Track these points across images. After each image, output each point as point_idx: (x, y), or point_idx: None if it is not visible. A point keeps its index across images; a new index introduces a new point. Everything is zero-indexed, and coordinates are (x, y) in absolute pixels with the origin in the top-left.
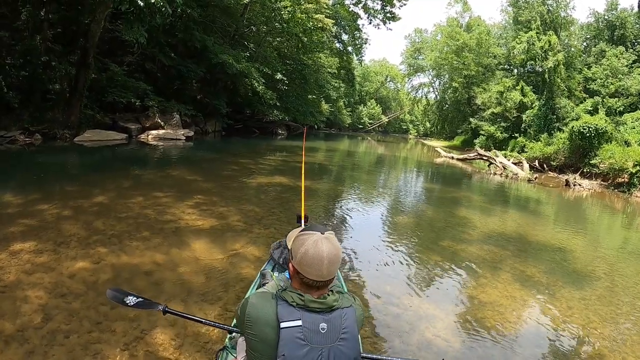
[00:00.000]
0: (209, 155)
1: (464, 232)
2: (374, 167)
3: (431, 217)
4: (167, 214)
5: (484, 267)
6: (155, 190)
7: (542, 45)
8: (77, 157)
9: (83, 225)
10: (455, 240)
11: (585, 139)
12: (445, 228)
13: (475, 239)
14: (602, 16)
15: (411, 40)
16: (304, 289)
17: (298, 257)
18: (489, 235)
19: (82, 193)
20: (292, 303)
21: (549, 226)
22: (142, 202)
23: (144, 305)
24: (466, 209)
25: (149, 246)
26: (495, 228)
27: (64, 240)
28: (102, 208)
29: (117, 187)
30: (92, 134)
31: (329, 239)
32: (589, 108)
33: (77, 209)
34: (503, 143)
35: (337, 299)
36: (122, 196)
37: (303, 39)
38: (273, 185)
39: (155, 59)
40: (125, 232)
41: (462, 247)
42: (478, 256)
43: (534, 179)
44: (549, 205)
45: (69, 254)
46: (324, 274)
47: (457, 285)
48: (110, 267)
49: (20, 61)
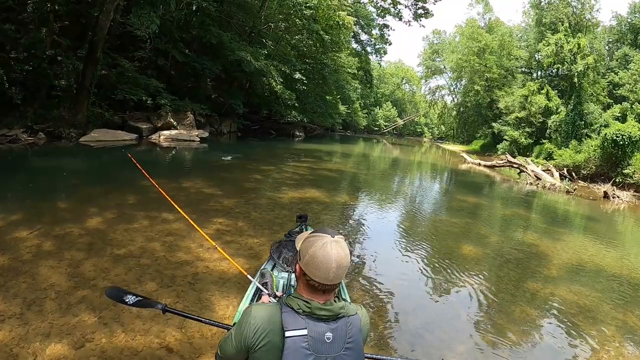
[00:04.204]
0: (226, 159)
1: (539, 266)
2: (399, 175)
3: (497, 246)
4: (181, 249)
5: (588, 320)
6: (165, 208)
7: (571, 48)
8: (80, 161)
9: (67, 269)
10: (535, 278)
11: (619, 147)
12: (517, 261)
13: (554, 276)
14: (625, 19)
15: (429, 42)
16: (309, 292)
17: (306, 259)
18: (568, 269)
19: (74, 213)
20: (298, 310)
21: (630, 253)
22: (148, 228)
23: (143, 304)
24: (523, 231)
25: (156, 314)
26: (570, 259)
27: (37, 298)
28: (96, 239)
29: (118, 205)
30: (100, 134)
31: (339, 242)
32: (617, 114)
33: (63, 239)
34: (527, 149)
35: (343, 306)
36: (123, 218)
37: (324, 37)
38: (307, 202)
39: (168, 54)
40: (123, 282)
41: (547, 288)
42: (572, 303)
43: (572, 191)
44: (607, 224)
45: (40, 328)
46: (331, 277)
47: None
48: (98, 354)
49: (24, 54)
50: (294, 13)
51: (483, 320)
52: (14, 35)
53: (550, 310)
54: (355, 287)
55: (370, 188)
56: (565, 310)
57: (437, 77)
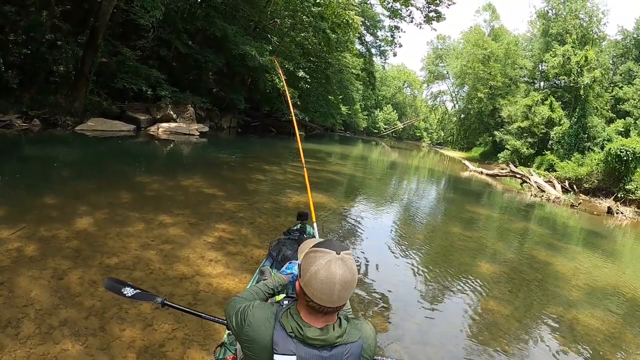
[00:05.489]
0: (227, 156)
1: (558, 287)
2: (404, 181)
3: (514, 264)
4: (179, 260)
5: (616, 349)
6: (162, 210)
7: (578, 60)
8: (74, 151)
9: (50, 281)
10: (557, 302)
11: (622, 163)
12: (537, 282)
13: (574, 299)
14: (631, 34)
15: (433, 46)
16: (308, 313)
17: (306, 277)
18: (587, 291)
19: (63, 211)
20: (290, 333)
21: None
22: (143, 233)
23: (142, 297)
24: (537, 248)
25: (150, 341)
26: (587, 280)
27: (14, 318)
28: (85, 244)
29: (111, 204)
30: (96, 123)
31: (345, 260)
32: (620, 129)
33: (48, 243)
34: (528, 159)
35: (341, 335)
36: (116, 220)
37: (331, 36)
38: (314, 207)
39: (171, 45)
40: (112, 300)
41: (569, 313)
42: (597, 330)
43: (577, 205)
44: (616, 241)
45: (16, 357)
46: (334, 299)
47: None
48: None
49: (23, 37)
50: (301, 10)
51: (515, 353)
52: (14, 18)
53: (577, 338)
54: (370, 306)
55: (376, 194)
56: (591, 337)
57: (439, 82)
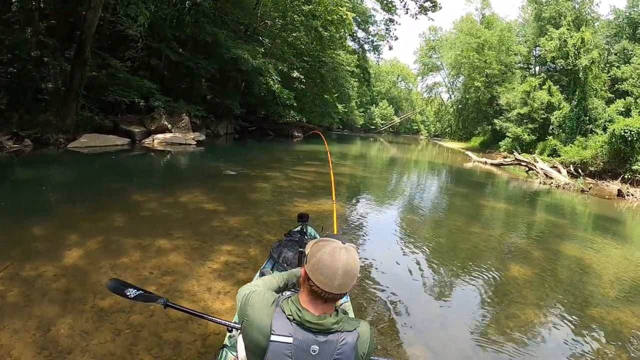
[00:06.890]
0: (226, 165)
1: (592, 285)
2: (410, 177)
3: (542, 263)
4: (183, 295)
5: None
6: (160, 233)
7: (575, 42)
8: (66, 170)
9: (35, 334)
10: (595, 301)
11: (627, 143)
12: (569, 282)
13: (612, 297)
14: (623, 13)
15: (426, 38)
16: (309, 299)
17: (312, 262)
18: (622, 287)
19: (51, 242)
20: (289, 316)
21: None
22: (140, 264)
23: (144, 298)
24: (560, 242)
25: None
26: (619, 274)
27: None
28: (74, 283)
29: (104, 230)
30: (89, 139)
31: (349, 250)
32: (621, 109)
33: (34, 284)
34: (530, 145)
35: (337, 322)
36: (109, 249)
37: (323, 34)
38: (325, 216)
39: (161, 54)
40: (109, 355)
41: (610, 314)
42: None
43: (587, 190)
44: (636, 227)
45: None
46: (336, 284)
47: None
48: None
49: (7, 56)
50: (291, 9)
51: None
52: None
53: (624, 341)
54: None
55: (378, 193)
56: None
57: (433, 74)
